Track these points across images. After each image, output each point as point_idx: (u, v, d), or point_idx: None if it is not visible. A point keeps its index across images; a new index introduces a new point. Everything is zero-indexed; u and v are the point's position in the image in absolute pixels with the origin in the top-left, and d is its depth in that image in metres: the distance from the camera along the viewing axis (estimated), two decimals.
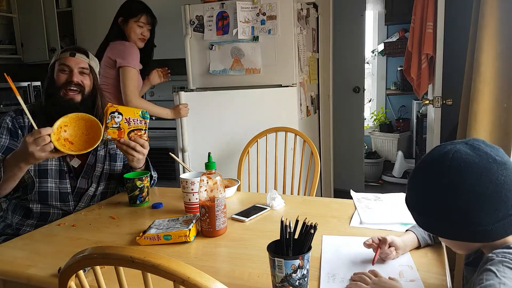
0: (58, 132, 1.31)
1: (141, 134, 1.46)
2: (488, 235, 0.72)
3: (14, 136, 1.48)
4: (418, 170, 0.82)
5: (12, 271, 1.02)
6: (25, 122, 1.50)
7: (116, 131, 1.42)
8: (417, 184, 0.81)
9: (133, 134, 1.44)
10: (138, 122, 1.45)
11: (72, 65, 1.51)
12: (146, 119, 1.46)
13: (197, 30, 2.41)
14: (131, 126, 1.44)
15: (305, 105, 2.58)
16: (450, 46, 2.25)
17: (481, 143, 0.76)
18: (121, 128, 1.42)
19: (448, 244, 0.85)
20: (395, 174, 4.37)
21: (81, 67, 1.52)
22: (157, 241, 1.12)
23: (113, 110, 1.41)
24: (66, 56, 1.52)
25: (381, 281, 0.85)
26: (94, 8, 3.32)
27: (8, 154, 1.35)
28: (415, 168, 0.84)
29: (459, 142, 0.78)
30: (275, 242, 0.85)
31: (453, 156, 0.74)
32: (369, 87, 5.10)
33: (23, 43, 3.61)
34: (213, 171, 1.19)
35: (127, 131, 1.43)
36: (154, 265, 0.60)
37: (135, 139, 1.45)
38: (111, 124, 1.41)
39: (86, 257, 0.65)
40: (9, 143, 1.47)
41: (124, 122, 1.43)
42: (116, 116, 1.42)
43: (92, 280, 0.73)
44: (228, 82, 2.41)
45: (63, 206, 1.52)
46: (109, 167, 1.62)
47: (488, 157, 0.73)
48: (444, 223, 0.76)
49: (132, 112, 1.44)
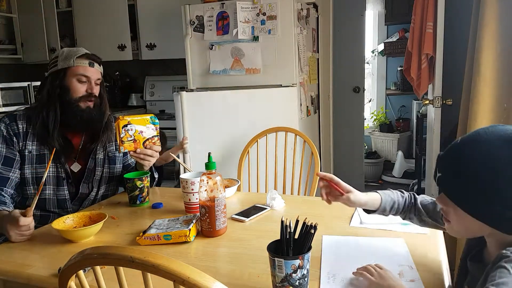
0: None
1: (154, 141, 1.46)
2: None
3: (10, 144, 1.45)
4: (483, 135, 0.74)
5: (12, 271, 1.02)
6: (19, 128, 1.47)
7: (132, 143, 1.43)
8: (477, 148, 0.73)
9: (148, 142, 1.45)
10: (150, 130, 1.45)
11: (92, 77, 1.49)
12: (157, 124, 1.46)
13: (197, 30, 2.41)
14: (145, 135, 1.44)
15: (305, 105, 2.58)
16: (450, 46, 2.25)
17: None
18: (136, 139, 1.43)
19: (454, 221, 0.78)
20: (395, 174, 4.36)
21: (98, 79, 1.52)
22: (157, 241, 1.11)
23: (125, 124, 1.41)
24: (85, 65, 1.48)
25: (386, 274, 0.85)
26: (94, 8, 3.33)
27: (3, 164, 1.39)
28: (475, 132, 0.76)
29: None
30: (275, 242, 0.85)
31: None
32: (369, 87, 5.10)
33: (23, 43, 3.61)
34: (213, 171, 1.18)
35: (142, 141, 1.44)
36: (154, 265, 0.60)
37: (151, 147, 1.45)
38: (126, 138, 1.41)
39: (86, 257, 0.65)
40: (6, 152, 1.44)
41: (138, 133, 1.43)
42: (130, 129, 1.42)
43: (92, 280, 0.73)
44: (228, 82, 2.41)
45: (62, 212, 1.51)
46: (108, 170, 1.61)
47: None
48: (484, 198, 0.71)
49: (143, 121, 1.44)
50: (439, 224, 0.99)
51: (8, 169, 1.43)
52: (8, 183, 1.43)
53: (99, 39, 3.33)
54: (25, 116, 1.49)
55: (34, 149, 1.48)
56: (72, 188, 1.53)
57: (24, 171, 1.47)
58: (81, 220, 1.24)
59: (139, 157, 1.45)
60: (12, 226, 1.16)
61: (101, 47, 3.29)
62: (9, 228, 1.16)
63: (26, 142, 1.47)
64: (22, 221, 1.16)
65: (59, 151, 1.47)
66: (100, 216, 1.23)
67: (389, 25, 4.86)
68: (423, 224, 1.03)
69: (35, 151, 1.48)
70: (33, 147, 1.47)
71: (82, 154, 1.56)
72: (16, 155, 1.46)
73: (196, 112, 2.35)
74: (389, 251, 1.03)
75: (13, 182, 1.45)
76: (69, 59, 1.47)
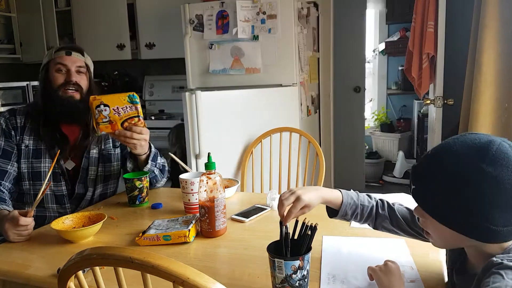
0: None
1: (135, 121, 1.36)
2: (493, 236, 0.70)
3: (8, 137, 1.48)
4: (453, 145, 0.74)
5: (12, 271, 1.01)
6: (18, 122, 1.49)
7: (108, 125, 1.33)
8: (447, 158, 0.73)
9: (127, 123, 1.35)
10: (128, 109, 1.34)
11: (69, 64, 1.49)
12: (136, 104, 1.35)
13: (197, 29, 2.40)
14: (122, 115, 1.34)
15: (306, 104, 2.57)
16: (451, 45, 2.24)
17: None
18: (112, 120, 1.33)
19: (433, 233, 0.78)
20: (396, 175, 4.36)
21: (78, 66, 1.51)
22: (156, 242, 1.11)
23: (98, 104, 1.31)
24: (61, 55, 1.49)
25: (394, 271, 0.84)
26: (93, 8, 3.32)
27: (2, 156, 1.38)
28: (445, 142, 0.77)
29: (496, 137, 0.74)
30: (275, 243, 0.85)
31: (499, 148, 0.70)
32: (370, 86, 5.09)
33: (22, 42, 3.60)
34: (212, 171, 1.18)
35: (119, 122, 1.33)
36: (153, 266, 0.60)
37: (130, 127, 1.36)
38: (100, 119, 1.33)
39: (85, 257, 0.64)
40: (4, 145, 1.47)
41: (114, 114, 1.33)
42: (103, 109, 1.32)
43: (92, 280, 0.73)
44: (228, 82, 2.40)
45: (60, 208, 1.51)
46: (103, 169, 1.59)
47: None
48: (456, 208, 0.71)
49: (118, 100, 1.32)
50: (420, 236, 0.95)
51: (6, 162, 1.46)
52: (6, 176, 1.45)
53: (98, 39, 3.32)
54: (24, 111, 1.53)
55: (31, 143, 1.49)
56: (68, 185, 1.53)
57: (20, 165, 1.48)
58: (80, 220, 1.24)
59: (119, 139, 1.39)
60: (11, 226, 1.16)
61: (100, 46, 3.29)
62: (7, 227, 1.16)
63: (24, 137, 1.49)
64: (22, 221, 1.16)
65: (53, 144, 1.48)
66: (99, 216, 1.22)
67: (390, 24, 4.85)
68: (404, 233, 0.98)
69: (32, 145, 1.49)
70: (30, 141, 1.49)
71: (77, 152, 1.54)
72: (14, 148, 1.48)
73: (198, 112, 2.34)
74: (390, 251, 1.03)
75: (11, 175, 1.46)
76: (50, 54, 1.52)
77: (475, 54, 1.92)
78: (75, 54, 1.51)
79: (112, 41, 3.30)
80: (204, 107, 2.09)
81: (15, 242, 1.17)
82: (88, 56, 1.59)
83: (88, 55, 1.59)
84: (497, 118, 1.90)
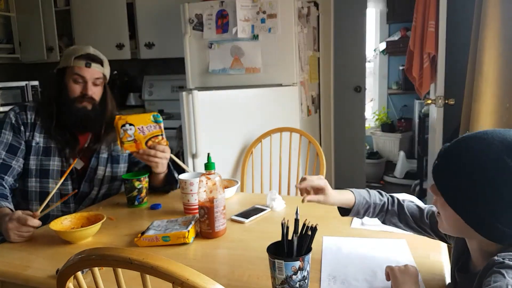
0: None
1: (158, 140, 1.39)
2: (500, 236, 0.70)
3: (17, 132, 1.48)
4: (486, 134, 0.73)
5: (10, 272, 1.01)
6: (28, 118, 1.49)
7: (132, 144, 1.37)
8: (477, 144, 0.72)
9: (150, 142, 1.38)
10: (152, 128, 1.38)
11: (87, 77, 1.48)
12: (160, 122, 1.40)
13: (196, 29, 2.40)
14: (147, 134, 1.38)
15: (306, 104, 2.57)
16: (452, 45, 2.24)
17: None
18: (136, 140, 1.37)
19: (442, 214, 0.78)
20: (397, 175, 4.35)
21: (95, 78, 1.50)
22: (155, 242, 1.10)
23: (123, 123, 1.36)
24: (81, 66, 1.47)
25: (411, 272, 0.85)
26: (92, 7, 3.32)
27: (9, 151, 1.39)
28: (482, 130, 0.76)
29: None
30: (275, 244, 0.84)
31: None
32: (370, 86, 5.09)
33: (21, 42, 3.60)
34: (212, 172, 1.17)
35: (143, 141, 1.38)
36: (152, 267, 0.59)
37: (154, 146, 1.39)
38: (125, 138, 1.36)
39: (84, 258, 0.64)
40: (12, 139, 1.46)
41: (139, 133, 1.37)
42: (129, 129, 1.36)
43: (90, 281, 0.73)
44: (227, 82, 2.40)
45: (63, 207, 1.51)
46: (111, 170, 1.59)
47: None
48: (468, 195, 0.71)
49: (143, 120, 1.38)
50: (426, 233, 0.97)
51: (11, 157, 1.45)
52: (9, 171, 1.44)
53: (97, 38, 3.31)
54: (34, 108, 1.53)
55: (41, 141, 1.49)
56: (75, 184, 1.53)
57: (29, 161, 1.48)
58: (79, 221, 1.23)
59: (142, 158, 1.41)
60: (14, 226, 1.15)
61: (99, 46, 3.21)
62: (10, 227, 1.15)
63: (34, 133, 1.49)
64: (31, 222, 1.15)
65: (63, 145, 1.48)
66: (98, 217, 1.22)
67: (390, 23, 4.85)
68: (411, 230, 1.00)
69: (42, 143, 1.50)
70: (40, 139, 1.49)
71: (86, 153, 1.55)
72: (22, 144, 1.47)
73: (195, 112, 2.33)
74: (391, 252, 1.03)
75: (15, 171, 1.46)
76: (68, 58, 1.49)
77: (476, 54, 1.92)
78: (94, 66, 1.49)
79: (111, 41, 3.29)
80: (201, 107, 2.08)
81: (14, 243, 1.16)
82: (107, 64, 1.57)
83: (106, 64, 1.56)
84: (499, 118, 1.89)
